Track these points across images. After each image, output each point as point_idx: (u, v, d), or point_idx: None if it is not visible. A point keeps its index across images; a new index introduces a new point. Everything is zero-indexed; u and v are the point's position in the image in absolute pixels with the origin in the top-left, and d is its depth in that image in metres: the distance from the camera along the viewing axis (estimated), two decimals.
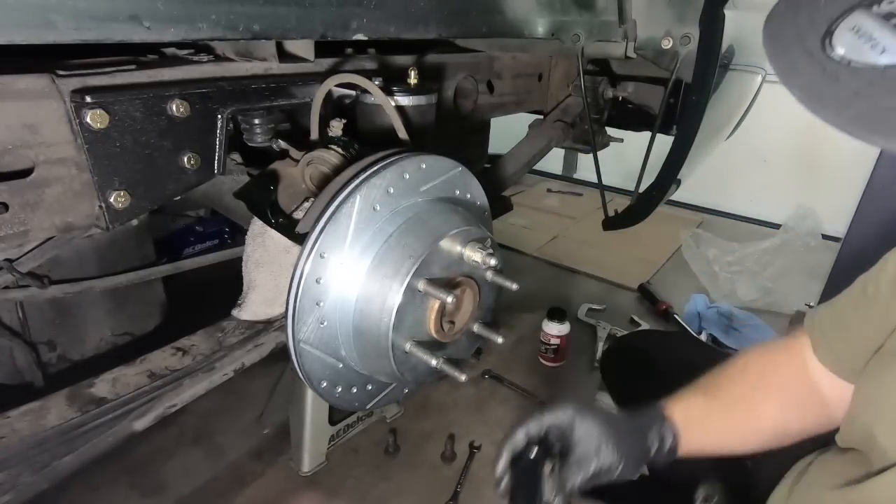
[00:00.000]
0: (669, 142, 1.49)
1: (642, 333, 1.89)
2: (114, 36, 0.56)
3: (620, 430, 0.74)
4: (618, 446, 0.72)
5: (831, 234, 2.76)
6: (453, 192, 0.88)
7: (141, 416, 0.90)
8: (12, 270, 0.93)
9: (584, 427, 0.73)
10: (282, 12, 0.68)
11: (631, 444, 0.74)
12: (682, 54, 1.32)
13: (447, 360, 0.77)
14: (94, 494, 1.37)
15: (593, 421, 0.73)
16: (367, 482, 1.46)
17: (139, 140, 0.73)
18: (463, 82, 1.29)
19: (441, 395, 1.77)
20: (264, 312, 1.01)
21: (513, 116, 1.59)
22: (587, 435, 0.73)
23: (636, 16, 1.25)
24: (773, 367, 0.81)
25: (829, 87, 0.32)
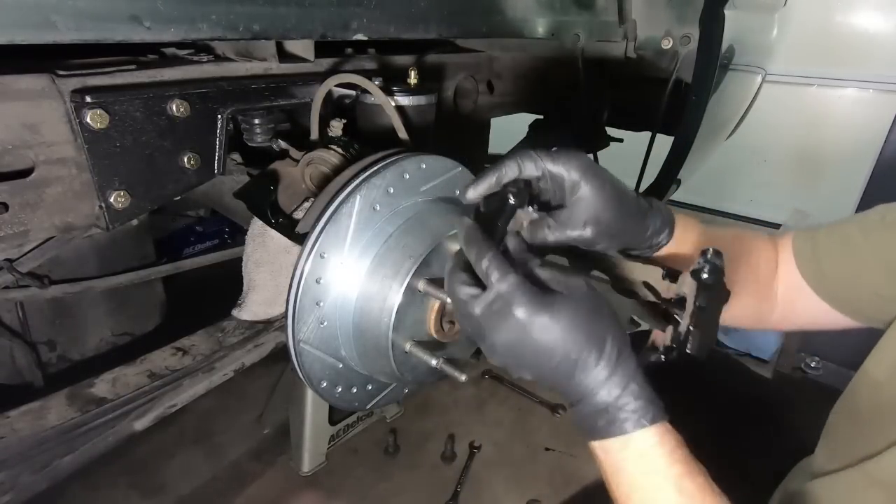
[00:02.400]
0: (669, 142, 1.49)
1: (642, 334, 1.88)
2: (114, 36, 0.56)
3: (624, 208, 0.67)
4: (611, 225, 0.66)
5: None
6: (453, 192, 0.87)
7: (141, 416, 0.90)
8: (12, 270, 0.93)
9: (586, 191, 0.64)
10: (282, 12, 0.68)
11: (625, 226, 0.68)
12: (682, 54, 1.32)
13: (447, 360, 0.77)
14: (94, 494, 1.37)
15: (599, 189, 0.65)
16: (367, 482, 1.46)
17: (139, 140, 0.73)
18: (463, 82, 1.29)
19: (441, 395, 1.77)
20: (264, 312, 1.01)
21: (513, 116, 1.59)
22: (586, 200, 0.65)
23: (636, 16, 1.25)
24: (756, 253, 0.82)
25: None
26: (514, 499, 1.44)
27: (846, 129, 2.93)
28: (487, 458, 1.55)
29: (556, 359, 0.55)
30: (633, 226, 0.69)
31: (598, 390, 0.55)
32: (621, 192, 0.67)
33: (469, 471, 1.50)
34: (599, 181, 0.65)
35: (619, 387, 0.55)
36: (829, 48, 2.81)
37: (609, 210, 0.65)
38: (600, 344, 0.55)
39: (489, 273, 0.56)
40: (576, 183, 0.64)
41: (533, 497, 1.44)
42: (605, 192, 0.65)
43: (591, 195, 0.65)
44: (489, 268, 0.56)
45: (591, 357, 0.55)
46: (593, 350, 0.55)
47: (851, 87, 2.85)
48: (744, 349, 2.03)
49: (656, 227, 0.71)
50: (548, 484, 1.48)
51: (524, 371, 0.57)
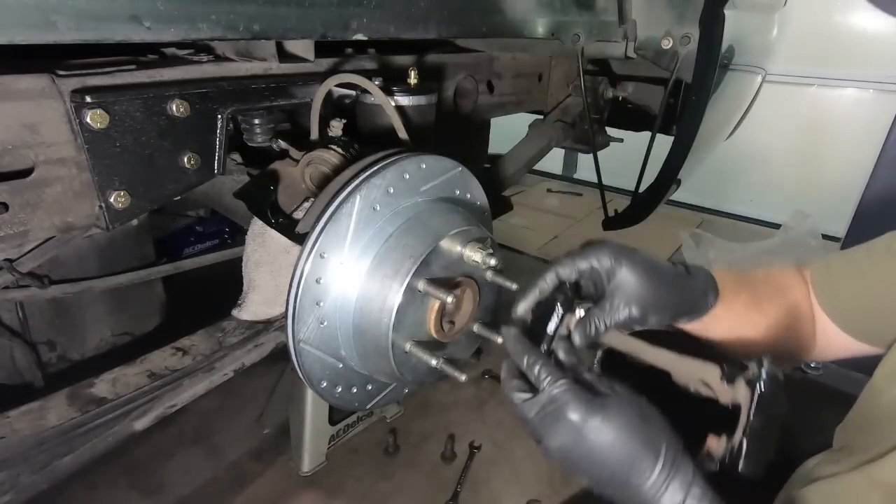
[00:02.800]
0: (669, 142, 1.49)
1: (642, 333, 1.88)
2: (114, 36, 0.56)
3: (663, 280, 0.69)
4: (657, 299, 0.68)
5: (831, 234, 2.76)
6: (453, 192, 0.87)
7: (141, 416, 0.90)
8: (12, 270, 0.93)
9: (624, 274, 0.67)
10: (282, 12, 0.68)
11: (671, 295, 0.70)
12: (682, 54, 1.32)
13: (447, 360, 0.77)
14: (94, 494, 1.37)
15: (635, 270, 0.67)
16: (367, 482, 1.46)
17: (139, 140, 0.73)
18: (463, 82, 1.29)
19: (441, 395, 1.77)
20: (264, 312, 1.01)
21: (513, 116, 1.59)
22: (625, 284, 0.67)
23: (636, 16, 1.25)
24: (791, 285, 0.82)
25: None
26: (514, 499, 1.44)
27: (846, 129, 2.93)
28: (487, 458, 1.55)
29: (611, 463, 0.55)
30: (675, 295, 0.71)
31: (661, 496, 0.54)
32: (655, 267, 0.70)
33: (469, 471, 1.50)
34: (631, 262, 0.68)
35: (681, 491, 0.54)
36: (829, 48, 2.81)
37: (648, 286, 0.67)
38: (656, 447, 0.55)
39: (541, 378, 0.59)
40: (610, 270, 0.68)
41: (533, 497, 1.44)
42: (640, 271, 0.68)
43: (627, 277, 0.67)
44: (540, 372, 0.59)
45: (647, 461, 0.54)
46: (649, 453, 0.55)
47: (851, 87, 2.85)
48: None
49: (699, 291, 0.73)
50: (548, 484, 1.48)
51: (582, 475, 0.57)
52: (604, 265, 0.68)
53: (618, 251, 0.68)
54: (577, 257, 0.69)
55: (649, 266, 0.69)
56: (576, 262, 0.69)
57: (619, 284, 0.68)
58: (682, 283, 0.72)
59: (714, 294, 0.73)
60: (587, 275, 0.69)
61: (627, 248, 0.70)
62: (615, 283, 0.68)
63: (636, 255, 0.69)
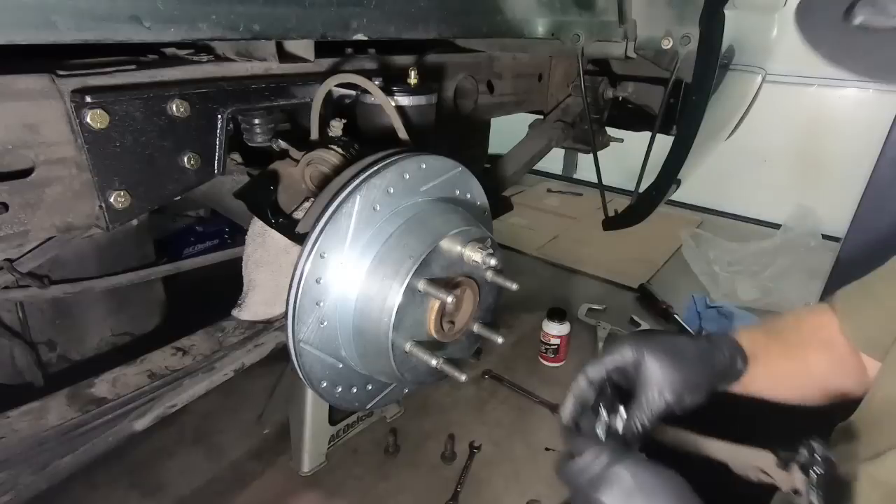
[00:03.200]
0: (669, 142, 1.49)
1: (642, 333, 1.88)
2: (114, 36, 0.56)
3: (687, 360, 0.71)
4: (687, 379, 0.70)
5: (831, 234, 2.76)
6: (453, 192, 0.88)
7: (141, 416, 0.90)
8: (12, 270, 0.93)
9: (649, 364, 0.70)
10: (282, 12, 0.68)
11: (700, 371, 0.71)
12: (682, 54, 1.32)
13: (447, 360, 0.77)
14: (94, 494, 1.37)
15: (658, 357, 0.70)
16: (367, 482, 1.46)
17: (139, 140, 0.73)
18: (463, 82, 1.29)
19: (441, 395, 1.77)
20: (264, 312, 1.01)
21: (513, 116, 1.59)
22: (652, 373, 0.69)
23: (636, 16, 1.25)
24: (822, 325, 0.83)
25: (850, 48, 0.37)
26: (514, 499, 1.44)
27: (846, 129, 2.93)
28: (487, 458, 1.55)
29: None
30: (703, 370, 0.72)
31: None
32: (677, 348, 0.71)
33: (469, 471, 1.50)
34: (652, 350, 0.70)
35: None
36: None
37: (674, 370, 0.69)
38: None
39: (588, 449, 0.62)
40: (635, 363, 0.70)
41: (533, 497, 1.43)
42: (663, 356, 0.70)
43: (652, 366, 0.69)
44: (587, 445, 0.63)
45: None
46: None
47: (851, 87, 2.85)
48: None
49: (726, 360, 0.74)
50: (548, 484, 1.48)
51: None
52: (628, 359, 0.71)
53: (638, 343, 0.71)
54: (602, 358, 0.72)
55: (671, 349, 0.71)
56: (602, 363, 0.72)
57: (647, 375, 0.70)
58: (707, 356, 0.73)
59: (742, 359, 0.75)
60: (616, 372, 0.72)
61: (646, 336, 0.73)
62: (644, 375, 0.70)
63: (656, 341, 0.72)
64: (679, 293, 2.42)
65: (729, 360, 0.74)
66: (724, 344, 0.75)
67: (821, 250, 2.62)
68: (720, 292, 2.41)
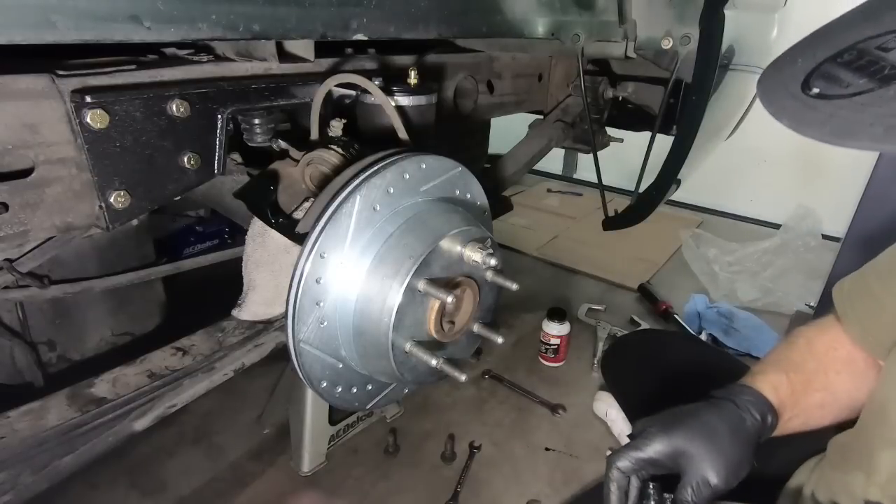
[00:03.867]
0: (669, 142, 1.49)
1: (642, 333, 1.89)
2: (114, 36, 0.56)
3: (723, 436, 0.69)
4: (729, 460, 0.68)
5: (831, 234, 2.76)
6: (453, 192, 0.88)
7: (141, 416, 0.90)
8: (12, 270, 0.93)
9: (686, 455, 0.68)
10: (282, 12, 0.68)
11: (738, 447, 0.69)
12: (682, 54, 1.32)
13: (447, 360, 0.77)
14: (94, 494, 1.37)
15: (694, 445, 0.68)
16: (367, 482, 1.46)
17: (139, 140, 0.73)
18: (463, 82, 1.29)
19: (441, 395, 1.77)
20: (264, 312, 1.01)
21: (513, 116, 1.59)
22: (691, 460, 0.68)
23: (636, 16, 1.25)
24: (834, 342, 0.82)
25: (810, 115, 0.44)
26: (513, 499, 1.44)
27: None
28: (487, 458, 1.55)
29: None
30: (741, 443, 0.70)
31: None
32: (709, 427, 0.69)
33: (469, 471, 1.50)
34: (684, 435, 0.68)
35: None
36: None
37: (715, 451, 0.67)
38: None
39: None
40: (672, 455, 0.68)
41: (533, 497, 1.43)
42: (699, 440, 0.68)
43: (691, 449, 0.67)
44: None
45: None
46: None
47: None
48: (744, 350, 2.03)
49: (759, 423, 0.72)
50: (548, 484, 1.48)
51: None
52: (661, 453, 0.68)
53: (667, 431, 0.69)
54: (634, 452, 0.69)
55: (704, 432, 0.69)
56: (636, 457, 0.69)
57: (686, 462, 0.68)
58: (740, 427, 0.71)
59: (773, 415, 0.74)
60: (650, 465, 0.69)
61: (671, 416, 0.71)
62: (684, 459, 0.68)
63: (685, 426, 0.69)
64: (679, 293, 2.42)
65: (760, 422, 0.72)
66: (750, 405, 0.73)
67: (821, 250, 2.62)
68: (720, 292, 2.41)
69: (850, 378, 0.79)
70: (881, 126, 0.40)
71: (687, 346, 1.44)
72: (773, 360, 0.81)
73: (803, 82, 0.46)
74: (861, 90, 0.42)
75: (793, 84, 0.46)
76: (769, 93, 0.49)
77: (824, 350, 0.82)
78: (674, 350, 1.26)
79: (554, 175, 3.92)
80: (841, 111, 0.43)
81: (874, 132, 0.41)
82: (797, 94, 0.46)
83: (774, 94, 0.48)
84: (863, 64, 0.43)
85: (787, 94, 0.46)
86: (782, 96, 0.47)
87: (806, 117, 0.45)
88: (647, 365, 1.20)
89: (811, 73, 0.46)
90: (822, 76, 0.45)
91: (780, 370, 0.79)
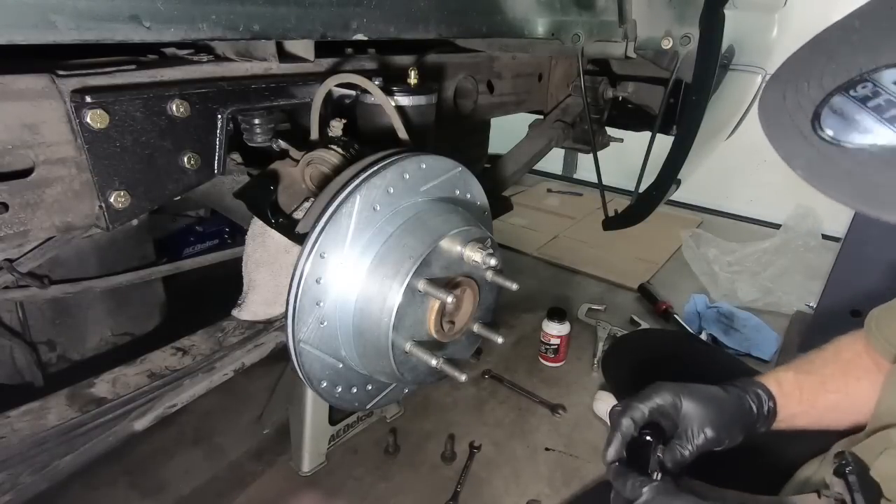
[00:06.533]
0: (669, 142, 1.49)
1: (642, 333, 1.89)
2: (114, 36, 0.56)
3: (722, 401, 0.77)
4: (723, 420, 0.75)
5: (831, 234, 2.76)
6: (453, 192, 0.88)
7: (141, 416, 0.90)
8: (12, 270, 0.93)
9: (688, 406, 0.75)
10: (282, 12, 0.68)
11: (734, 414, 0.77)
12: (682, 54, 1.32)
13: (447, 360, 0.77)
14: (94, 494, 1.37)
15: (696, 400, 0.76)
16: (367, 482, 1.46)
17: (139, 140, 0.73)
18: (463, 82, 1.29)
19: (441, 395, 1.77)
20: (264, 312, 1.01)
21: (513, 116, 1.59)
22: (692, 413, 0.75)
23: (636, 16, 1.25)
24: (861, 352, 0.84)
25: (826, 168, 0.38)
26: (513, 499, 1.44)
27: None
28: (487, 458, 1.55)
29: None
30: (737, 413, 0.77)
31: None
32: (711, 393, 0.77)
33: (469, 471, 1.50)
34: (689, 394, 0.76)
35: None
36: None
37: (712, 410, 0.75)
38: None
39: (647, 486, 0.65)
40: (674, 405, 0.75)
41: (533, 497, 1.44)
42: (700, 400, 0.75)
43: (691, 406, 0.75)
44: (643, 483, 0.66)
45: None
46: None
47: None
48: (744, 350, 2.03)
49: (756, 402, 0.79)
50: (548, 484, 1.48)
51: None
52: (668, 402, 0.75)
53: (675, 388, 0.76)
54: (643, 400, 0.76)
55: (706, 395, 0.77)
56: (644, 403, 0.76)
57: (687, 415, 0.75)
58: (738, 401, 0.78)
59: (771, 400, 0.80)
60: (657, 412, 0.76)
61: (681, 384, 0.77)
62: (683, 415, 0.75)
63: (691, 388, 0.77)
64: (679, 293, 2.42)
65: (758, 402, 0.78)
66: (751, 386, 0.80)
67: (821, 250, 2.62)
68: (720, 292, 2.41)
69: (870, 385, 0.81)
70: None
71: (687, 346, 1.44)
72: (792, 362, 0.86)
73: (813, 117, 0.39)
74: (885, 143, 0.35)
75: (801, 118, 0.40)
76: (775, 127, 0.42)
77: (849, 357, 0.85)
78: (674, 350, 1.26)
79: (554, 175, 3.92)
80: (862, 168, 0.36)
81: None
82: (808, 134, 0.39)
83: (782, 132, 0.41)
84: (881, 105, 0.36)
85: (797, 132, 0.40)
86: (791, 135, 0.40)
87: (821, 171, 0.39)
88: (647, 365, 1.20)
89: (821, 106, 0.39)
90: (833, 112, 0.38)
91: (790, 369, 0.84)
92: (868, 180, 0.36)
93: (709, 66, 1.30)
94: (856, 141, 0.37)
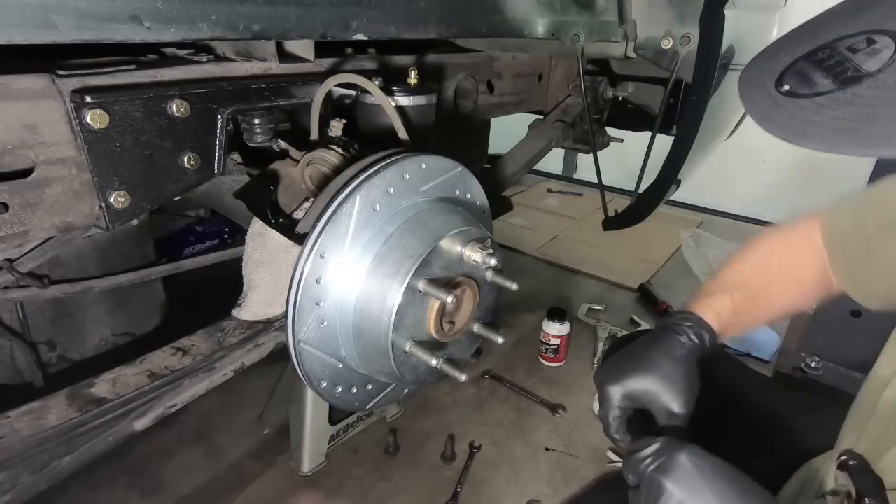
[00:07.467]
0: (669, 142, 1.49)
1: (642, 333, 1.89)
2: (114, 36, 0.56)
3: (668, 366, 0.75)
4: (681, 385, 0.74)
5: None
6: (453, 192, 0.88)
7: (141, 416, 0.90)
8: (12, 270, 0.93)
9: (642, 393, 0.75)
10: (282, 12, 0.68)
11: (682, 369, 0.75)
12: (682, 54, 1.32)
13: (447, 360, 0.77)
14: (94, 494, 1.37)
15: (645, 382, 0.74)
16: (367, 482, 1.46)
17: (139, 140, 0.73)
18: (463, 82, 1.29)
19: (441, 395, 1.77)
20: (264, 312, 1.01)
21: (513, 116, 1.59)
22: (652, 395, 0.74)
23: (636, 16, 1.25)
24: (792, 259, 0.86)
25: (776, 112, 0.45)
26: (513, 499, 1.44)
27: None
28: (487, 458, 1.55)
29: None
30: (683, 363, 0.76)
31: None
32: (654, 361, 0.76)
33: (469, 471, 1.50)
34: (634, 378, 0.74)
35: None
36: None
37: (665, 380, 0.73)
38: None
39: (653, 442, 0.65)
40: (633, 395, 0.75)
41: (533, 497, 1.43)
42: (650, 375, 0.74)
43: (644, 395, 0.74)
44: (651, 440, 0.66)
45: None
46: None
47: None
48: (744, 349, 2.03)
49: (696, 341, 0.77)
50: (548, 484, 1.48)
51: None
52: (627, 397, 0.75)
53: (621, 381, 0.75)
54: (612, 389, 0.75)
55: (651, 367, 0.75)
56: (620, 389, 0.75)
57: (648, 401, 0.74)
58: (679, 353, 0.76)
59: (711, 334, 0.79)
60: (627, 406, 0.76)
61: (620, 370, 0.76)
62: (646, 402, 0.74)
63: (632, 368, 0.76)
64: (679, 293, 2.42)
65: (699, 343, 0.78)
66: (689, 330, 0.78)
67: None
68: None
69: (792, 297, 0.86)
70: (829, 128, 0.41)
71: None
72: (723, 280, 0.86)
73: (777, 79, 0.46)
74: (822, 91, 0.43)
75: (768, 80, 0.47)
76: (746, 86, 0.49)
77: (778, 270, 0.86)
78: None
79: (554, 175, 3.92)
80: (802, 111, 0.43)
81: (823, 134, 0.41)
82: (770, 90, 0.46)
83: (750, 89, 0.48)
84: (831, 64, 0.43)
85: (762, 89, 0.47)
86: (757, 91, 0.47)
87: (772, 115, 0.45)
88: None
89: (786, 70, 0.46)
90: (795, 74, 0.45)
91: (727, 291, 0.83)
92: (806, 119, 0.42)
93: (709, 66, 1.30)
94: (805, 92, 0.44)
